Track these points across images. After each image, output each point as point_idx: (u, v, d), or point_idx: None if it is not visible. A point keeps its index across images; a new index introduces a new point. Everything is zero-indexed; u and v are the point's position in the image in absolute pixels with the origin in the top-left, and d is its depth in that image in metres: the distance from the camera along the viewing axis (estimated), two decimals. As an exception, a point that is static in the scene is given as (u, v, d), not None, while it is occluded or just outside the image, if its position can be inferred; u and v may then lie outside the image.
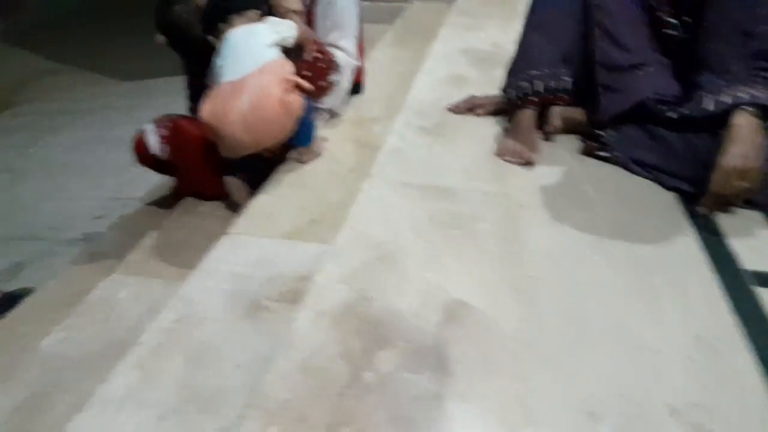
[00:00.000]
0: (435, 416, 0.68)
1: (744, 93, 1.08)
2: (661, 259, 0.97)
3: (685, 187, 1.13)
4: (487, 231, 1.02)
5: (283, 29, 1.22)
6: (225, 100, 1.13)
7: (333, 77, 1.41)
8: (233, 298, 0.90)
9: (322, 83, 1.38)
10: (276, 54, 1.18)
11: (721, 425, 0.68)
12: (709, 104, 1.10)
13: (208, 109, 1.13)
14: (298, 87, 1.18)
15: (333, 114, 1.49)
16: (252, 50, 1.17)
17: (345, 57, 1.44)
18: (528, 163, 1.25)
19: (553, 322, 0.83)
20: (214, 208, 1.45)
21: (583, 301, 0.87)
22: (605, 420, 0.68)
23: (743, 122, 1.05)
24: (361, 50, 1.57)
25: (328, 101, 1.44)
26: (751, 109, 1.06)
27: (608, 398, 0.71)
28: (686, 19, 1.22)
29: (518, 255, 0.96)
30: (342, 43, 1.45)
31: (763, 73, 1.11)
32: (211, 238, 1.04)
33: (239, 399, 0.72)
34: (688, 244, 1.00)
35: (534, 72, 1.33)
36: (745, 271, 0.94)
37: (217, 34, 1.20)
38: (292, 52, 1.26)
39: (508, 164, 1.26)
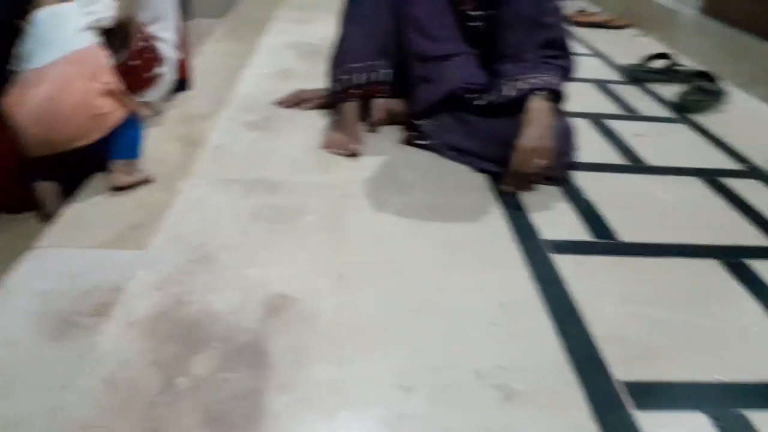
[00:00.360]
0: (252, 412, 0.67)
1: (538, 79, 1.19)
2: (471, 236, 1.04)
3: (493, 168, 1.22)
4: (311, 223, 1.03)
5: (98, 9, 1.11)
6: (23, 90, 1.02)
7: (159, 69, 1.34)
8: (40, 318, 0.82)
9: (148, 75, 1.31)
10: (89, 40, 1.08)
11: (522, 382, 0.74)
12: (510, 91, 1.20)
13: (7, 99, 1.02)
14: (116, 93, 1.09)
15: (156, 112, 1.41)
16: (60, 35, 1.05)
17: (168, 49, 1.38)
18: (353, 155, 1.28)
19: (371, 304, 0.85)
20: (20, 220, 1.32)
21: (400, 282, 0.91)
22: (417, 391, 0.72)
23: (537, 106, 1.15)
24: (184, 44, 1.51)
25: (151, 94, 1.36)
26: (543, 93, 1.17)
27: (420, 370, 0.75)
28: (488, 12, 1.31)
29: (340, 243, 0.98)
30: (164, 34, 1.38)
31: (552, 60, 1.23)
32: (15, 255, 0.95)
33: (41, 426, 0.66)
34: (495, 221, 1.09)
35: (354, 65, 1.36)
36: (544, 240, 1.04)
37: (24, 15, 1.07)
38: (117, 39, 1.16)
39: (334, 156, 1.28)
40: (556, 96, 1.19)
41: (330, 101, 1.44)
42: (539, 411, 0.71)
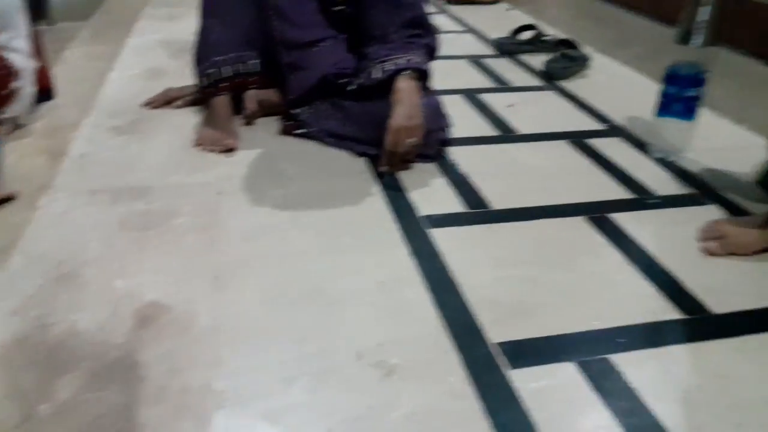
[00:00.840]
0: (123, 428, 0.65)
1: (403, 59, 1.20)
2: (352, 221, 1.04)
3: (372, 151, 1.23)
4: (183, 225, 1.00)
5: None
6: None
7: (15, 83, 1.24)
8: None
9: (5, 92, 1.22)
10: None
11: (401, 356, 0.76)
12: (378, 73, 1.21)
13: None
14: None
15: (17, 125, 1.31)
16: None
17: (22, 59, 1.28)
18: (228, 150, 1.24)
19: (250, 301, 0.84)
20: None
21: (281, 274, 0.90)
22: (298, 381, 0.71)
23: (404, 85, 1.17)
24: (39, 51, 1.41)
25: (12, 110, 1.27)
26: (409, 72, 1.19)
27: (302, 360, 0.75)
28: (351, -5, 1.31)
29: (215, 243, 0.96)
30: (14, 44, 1.28)
31: (416, 39, 1.25)
32: None
33: None
34: (375, 203, 1.10)
35: (219, 58, 1.32)
36: (422, 217, 1.06)
37: None
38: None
39: (208, 154, 1.24)
40: (422, 74, 1.21)
41: (200, 97, 1.39)
42: (418, 382, 0.72)
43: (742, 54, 1.86)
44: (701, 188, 1.18)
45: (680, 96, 1.24)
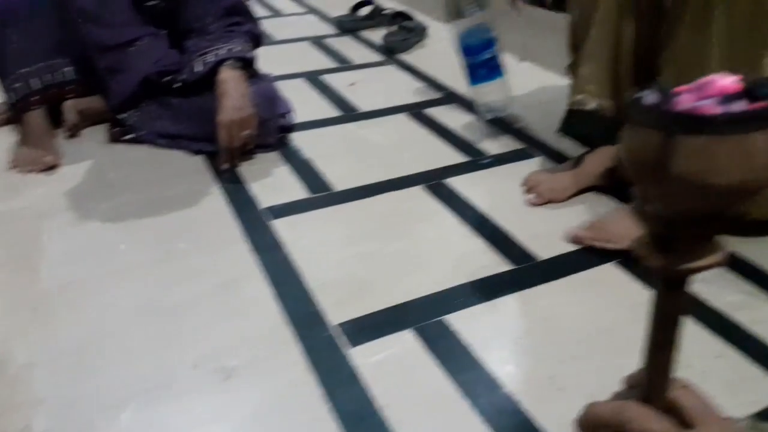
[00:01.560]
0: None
1: (224, 49, 1.16)
2: (189, 223, 1.00)
3: (208, 147, 1.19)
4: (-2, 258, 0.92)
5: None
6: None
7: None
8: None
9: None
10: None
11: (240, 357, 0.74)
12: (199, 66, 1.16)
13: None
14: None
15: None
16: None
17: None
18: (49, 168, 1.15)
19: (74, 328, 0.79)
20: None
21: (110, 293, 0.85)
22: (127, 406, 0.68)
23: (228, 76, 1.14)
24: None
25: None
26: (231, 62, 1.15)
27: (133, 380, 0.71)
28: (165, -12, 1.25)
29: (34, 271, 0.89)
30: None
31: (236, 27, 1.22)
32: None
33: None
34: (214, 201, 1.07)
35: (24, 70, 1.21)
36: (263, 209, 1.04)
37: None
38: None
39: (26, 175, 1.14)
40: (247, 62, 1.18)
41: (12, 115, 1.27)
42: (259, 379, 0.71)
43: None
44: (530, 142, 1.25)
45: (478, 62, 1.29)
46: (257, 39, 1.25)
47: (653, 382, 0.37)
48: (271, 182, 1.13)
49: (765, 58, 0.80)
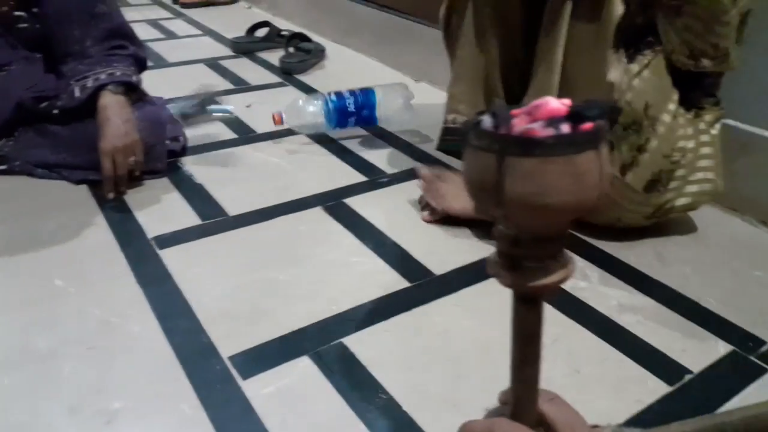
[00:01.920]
0: None
1: (104, 74, 1.11)
2: (68, 258, 0.94)
3: (91, 176, 1.12)
4: None
5: None
6: None
7: None
8: None
9: None
10: None
11: (124, 399, 0.69)
12: (78, 92, 1.10)
13: None
14: None
15: None
16: None
17: None
18: None
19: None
20: None
21: (-24, 341, 0.77)
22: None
23: (109, 101, 1.08)
24: None
25: None
26: (112, 87, 1.10)
27: (1, 436, 0.65)
28: (34, 10, 1.17)
29: None
30: None
31: (118, 51, 1.16)
32: None
33: None
34: (97, 233, 1.00)
35: None
36: (152, 239, 0.99)
37: None
38: None
39: None
40: (129, 87, 1.13)
41: None
42: (145, 420, 0.67)
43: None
44: (426, 160, 1.27)
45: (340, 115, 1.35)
46: (142, 63, 1.20)
47: (521, 397, 0.37)
48: (160, 210, 1.08)
49: (605, 74, 0.86)
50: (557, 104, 0.28)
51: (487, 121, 0.28)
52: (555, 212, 0.27)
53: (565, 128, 0.26)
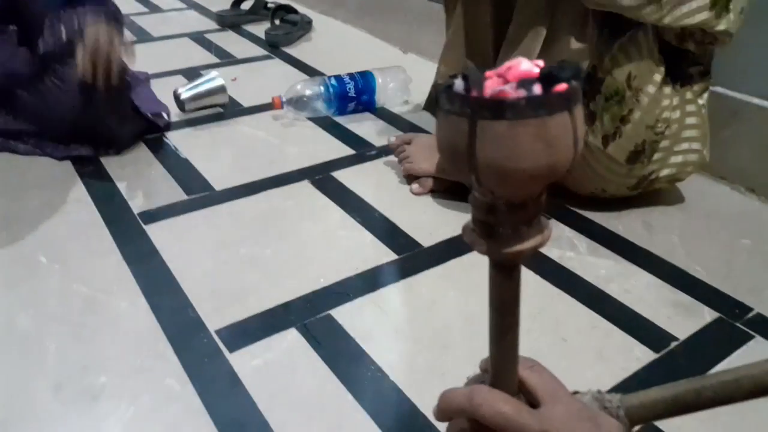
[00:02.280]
0: None
1: (81, 15, 1.08)
2: (50, 237, 0.92)
3: (75, 152, 1.11)
4: None
5: None
6: None
7: None
8: None
9: None
10: None
11: (110, 373, 0.69)
12: (62, 31, 1.08)
13: None
14: None
15: None
16: None
17: None
18: None
19: None
20: None
21: (-40, 319, 0.77)
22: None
23: (92, 25, 1.03)
24: None
25: None
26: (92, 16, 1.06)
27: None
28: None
29: None
30: None
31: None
32: None
33: None
34: (81, 210, 0.99)
35: None
36: (138, 214, 0.98)
37: None
38: None
39: None
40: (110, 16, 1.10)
41: None
42: (131, 395, 0.67)
43: None
44: (414, 130, 1.26)
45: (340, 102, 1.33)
46: (117, 18, 1.17)
47: (500, 364, 0.37)
48: (146, 185, 1.07)
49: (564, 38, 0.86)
50: (529, 65, 0.27)
51: (458, 84, 0.27)
52: (527, 177, 0.26)
53: (537, 90, 0.26)
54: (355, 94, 1.32)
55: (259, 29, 1.85)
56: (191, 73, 1.54)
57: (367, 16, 1.86)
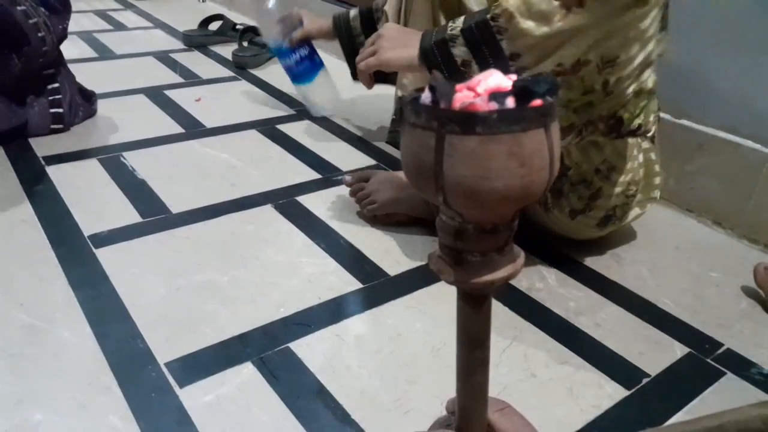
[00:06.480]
0: None
1: None
2: (-7, 259, 0.87)
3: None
4: None
5: None
6: None
7: None
8: None
9: None
10: None
11: (46, 410, 0.64)
12: None
13: None
14: None
15: None
16: None
17: None
18: None
19: None
20: None
21: None
22: None
23: None
24: None
25: None
26: None
27: None
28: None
29: None
30: None
31: None
32: None
33: None
34: (26, 232, 0.93)
35: None
36: (88, 237, 0.93)
37: None
38: None
39: None
40: None
41: None
42: (67, 436, 0.62)
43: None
44: (383, 159, 1.24)
45: (293, 62, 1.35)
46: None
47: (468, 407, 0.34)
48: (98, 207, 1.01)
49: None
50: (502, 78, 0.24)
51: (425, 96, 0.25)
52: (499, 198, 0.24)
53: (510, 103, 0.23)
54: (298, 58, 1.36)
55: (227, 50, 1.82)
56: (153, 92, 1.49)
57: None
